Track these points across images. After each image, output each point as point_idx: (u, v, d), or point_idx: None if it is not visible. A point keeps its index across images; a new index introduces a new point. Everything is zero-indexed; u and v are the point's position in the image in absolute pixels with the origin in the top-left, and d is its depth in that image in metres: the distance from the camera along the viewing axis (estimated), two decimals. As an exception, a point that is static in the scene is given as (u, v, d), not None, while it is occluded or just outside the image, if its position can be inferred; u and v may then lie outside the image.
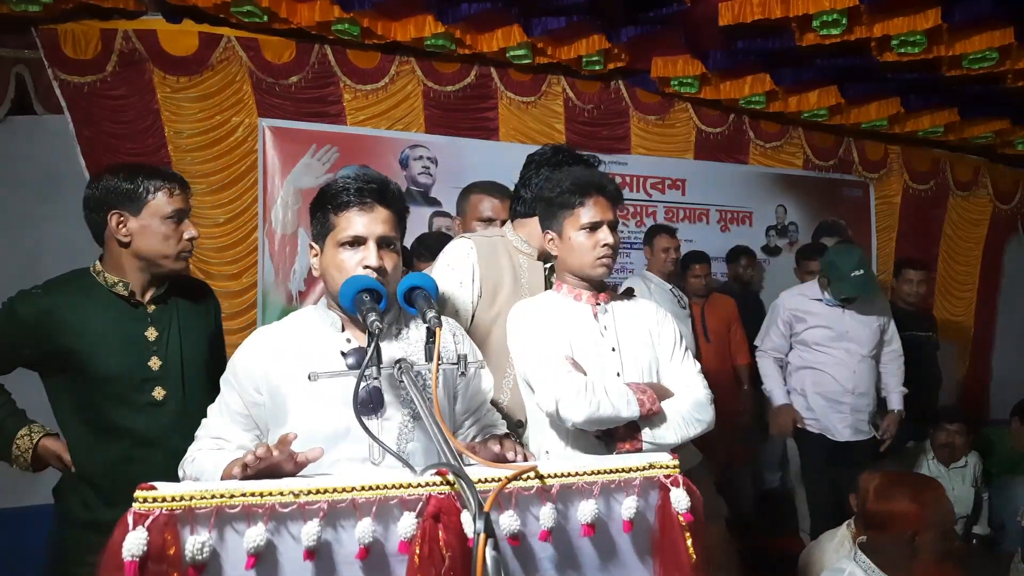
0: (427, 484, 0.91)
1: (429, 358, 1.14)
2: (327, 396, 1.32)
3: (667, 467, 0.99)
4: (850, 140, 5.55)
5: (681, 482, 0.98)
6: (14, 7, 3.40)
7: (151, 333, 1.77)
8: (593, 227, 1.69)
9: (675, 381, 1.69)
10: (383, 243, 1.37)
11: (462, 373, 1.32)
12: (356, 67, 4.19)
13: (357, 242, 1.36)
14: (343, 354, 1.37)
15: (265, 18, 3.71)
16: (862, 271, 3.19)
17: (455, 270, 1.86)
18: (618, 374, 1.65)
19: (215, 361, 1.87)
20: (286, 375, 1.36)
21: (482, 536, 0.74)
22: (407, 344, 1.41)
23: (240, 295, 3.98)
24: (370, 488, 0.89)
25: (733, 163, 5.19)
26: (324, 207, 1.39)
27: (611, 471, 0.97)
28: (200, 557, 0.82)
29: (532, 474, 0.92)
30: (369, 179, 1.39)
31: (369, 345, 1.14)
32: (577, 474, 0.95)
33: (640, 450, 1.55)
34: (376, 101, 4.25)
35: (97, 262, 1.81)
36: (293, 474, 1.16)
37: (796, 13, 3.55)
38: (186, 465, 1.38)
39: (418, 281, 1.28)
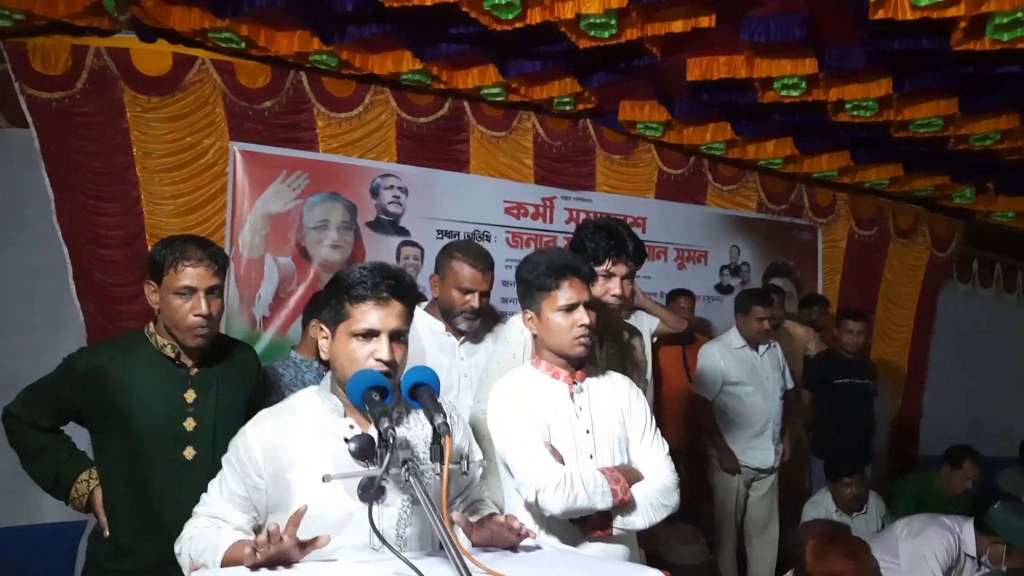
0: None
1: (434, 458, 1.21)
2: (330, 484, 1.37)
3: None
4: (801, 186, 5.82)
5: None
6: (-16, 21, 3.33)
7: (190, 395, 1.84)
8: (570, 308, 1.78)
9: (644, 463, 1.80)
10: (395, 336, 1.43)
11: (464, 472, 1.39)
12: (331, 95, 4.21)
13: (370, 334, 1.41)
14: (346, 440, 1.42)
15: (243, 45, 3.72)
16: None
17: (510, 343, 1.97)
18: (591, 456, 1.75)
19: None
20: (289, 461, 1.40)
21: None
22: (406, 430, 1.47)
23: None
24: None
25: (691, 203, 5.39)
26: (340, 295, 1.43)
27: None
28: None
29: None
30: (387, 274, 1.44)
31: (382, 449, 1.21)
32: None
33: (611, 535, 1.66)
34: (349, 129, 4.28)
35: (152, 323, 1.89)
36: (298, 560, 1.21)
37: (760, 75, 3.75)
38: (184, 543, 1.42)
39: (423, 377, 1.34)
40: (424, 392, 1.32)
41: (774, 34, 3.35)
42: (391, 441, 1.20)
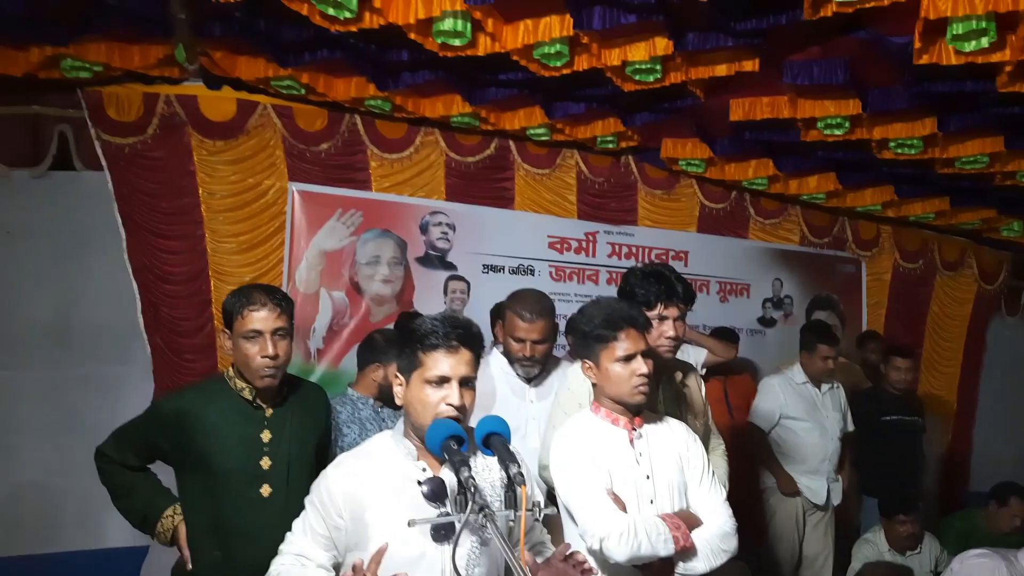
0: None
1: (508, 505, 1.30)
2: (405, 524, 1.46)
3: None
4: (844, 219, 5.82)
5: None
6: (67, 73, 3.57)
7: (266, 435, 1.96)
8: (628, 358, 1.85)
9: (703, 508, 1.85)
10: (464, 382, 1.53)
11: (537, 519, 1.47)
12: (384, 136, 4.39)
13: (442, 381, 1.51)
14: (419, 483, 1.52)
15: (303, 91, 3.91)
16: None
17: (574, 393, 2.07)
18: (651, 501, 1.82)
19: (320, 462, 2.04)
20: (367, 502, 1.50)
21: None
22: (475, 474, 1.56)
23: (260, 351, 4.11)
24: None
25: (733, 237, 5.43)
26: (413, 345, 1.54)
27: None
28: None
29: None
30: (456, 323, 1.55)
31: (461, 496, 1.30)
32: None
33: None
34: (401, 169, 4.45)
35: (231, 368, 2.02)
36: None
37: (803, 115, 3.81)
38: None
39: (497, 427, 1.44)
40: (498, 441, 1.41)
41: (817, 78, 3.42)
42: (472, 490, 1.29)
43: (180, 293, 3.94)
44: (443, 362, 1.50)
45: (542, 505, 1.39)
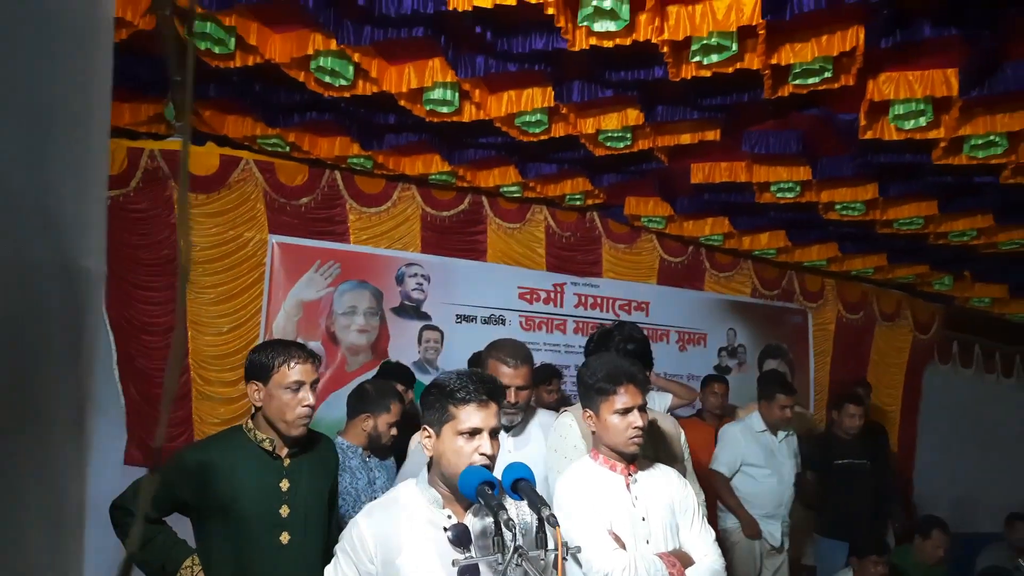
0: None
1: (539, 545, 1.43)
2: (433, 568, 1.57)
3: None
4: (792, 273, 6.19)
5: None
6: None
7: (284, 484, 2.03)
8: (625, 411, 2.02)
9: (694, 547, 2.01)
10: (493, 433, 1.66)
11: (565, 559, 1.60)
12: (362, 191, 4.53)
13: (475, 433, 1.63)
14: (445, 529, 1.63)
15: (288, 149, 4.04)
16: None
17: (566, 437, 2.20)
18: (647, 541, 1.97)
19: (331, 508, 2.14)
20: (397, 548, 1.61)
21: None
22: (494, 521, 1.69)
23: (236, 401, 4.13)
24: None
25: (691, 289, 5.72)
26: (443, 400, 1.66)
27: None
28: None
29: None
30: (483, 379, 1.69)
31: (498, 537, 1.43)
32: None
33: None
34: (378, 222, 4.59)
35: (249, 419, 2.10)
36: None
37: (758, 180, 4.13)
38: None
39: (523, 473, 1.57)
40: (526, 486, 1.54)
41: (773, 147, 3.74)
42: (513, 531, 1.42)
43: (158, 344, 3.95)
44: (475, 415, 1.63)
45: (570, 546, 1.52)
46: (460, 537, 1.61)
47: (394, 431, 3.03)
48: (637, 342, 2.43)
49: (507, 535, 1.46)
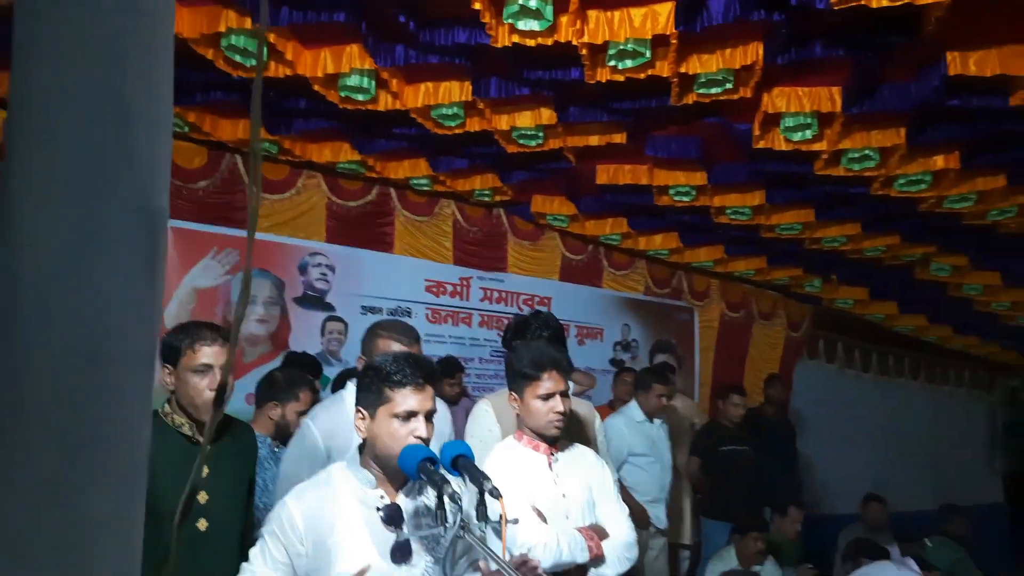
0: None
1: (480, 518, 1.48)
2: (367, 547, 1.58)
3: None
4: (681, 273, 6.55)
5: None
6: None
7: (204, 470, 1.93)
8: (548, 396, 2.10)
9: (609, 522, 2.13)
10: (428, 416, 1.68)
11: (498, 534, 1.64)
12: (265, 177, 4.38)
13: (410, 415, 1.65)
14: (378, 509, 1.64)
15: (187, 129, 3.85)
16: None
17: (479, 424, 2.23)
18: (567, 516, 2.07)
19: (250, 494, 2.06)
20: (329, 528, 1.60)
21: None
22: (426, 500, 1.71)
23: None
24: None
25: (589, 286, 5.93)
26: (379, 383, 1.67)
27: None
28: None
29: None
30: (419, 362, 1.70)
31: (443, 512, 1.45)
32: None
33: None
34: (281, 210, 4.46)
35: (167, 404, 1.98)
36: None
37: (658, 183, 4.35)
38: None
39: (462, 449, 1.61)
40: (466, 462, 1.58)
41: (674, 152, 3.97)
42: (459, 504, 1.45)
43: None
44: (411, 398, 1.65)
45: (508, 518, 1.57)
46: (393, 516, 1.63)
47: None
48: (553, 329, 2.52)
49: (450, 509, 1.50)
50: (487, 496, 1.48)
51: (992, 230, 4.83)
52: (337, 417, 2.27)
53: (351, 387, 2.44)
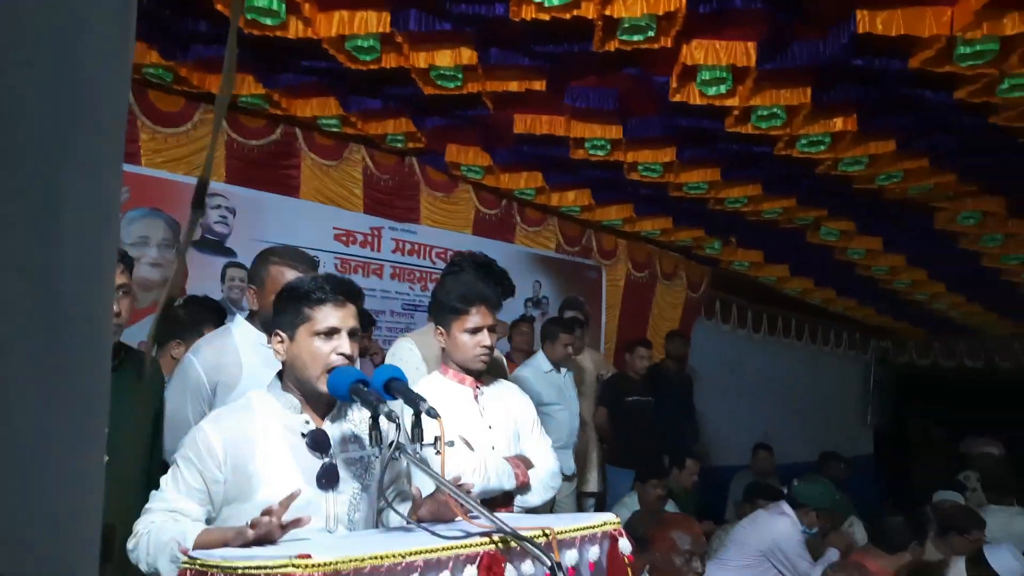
0: (483, 544, 1.21)
1: (415, 440, 1.42)
2: (292, 474, 1.50)
3: (615, 524, 1.42)
4: (591, 231, 6.63)
5: (624, 534, 1.42)
6: None
7: None
8: (475, 331, 2.07)
9: (534, 453, 2.14)
10: (352, 334, 1.60)
11: (438, 452, 1.59)
12: (157, 109, 4.06)
13: (332, 332, 1.57)
14: (303, 435, 1.56)
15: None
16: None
17: (406, 364, 2.13)
18: (493, 447, 2.05)
19: (157, 432, 1.90)
20: (250, 455, 1.51)
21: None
22: (352, 425, 1.65)
23: None
24: (448, 548, 1.16)
25: (503, 241, 5.90)
26: (297, 302, 1.57)
27: (586, 528, 1.37)
28: None
29: (548, 532, 1.27)
30: (339, 280, 1.62)
31: (379, 434, 1.39)
32: (570, 530, 1.33)
33: (511, 512, 1.97)
34: (176, 145, 4.14)
35: None
36: (278, 540, 1.34)
37: (575, 135, 4.35)
38: (140, 537, 1.45)
39: (395, 373, 1.54)
40: (399, 385, 1.52)
41: (593, 102, 3.96)
42: (398, 423, 1.39)
43: None
44: (332, 315, 1.57)
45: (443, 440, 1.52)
46: (319, 442, 1.56)
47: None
48: (483, 266, 2.47)
49: (388, 430, 1.44)
50: (423, 417, 1.43)
51: (878, 195, 5.16)
52: (223, 351, 2.12)
53: (239, 319, 2.29)
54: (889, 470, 9.82)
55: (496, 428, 2.09)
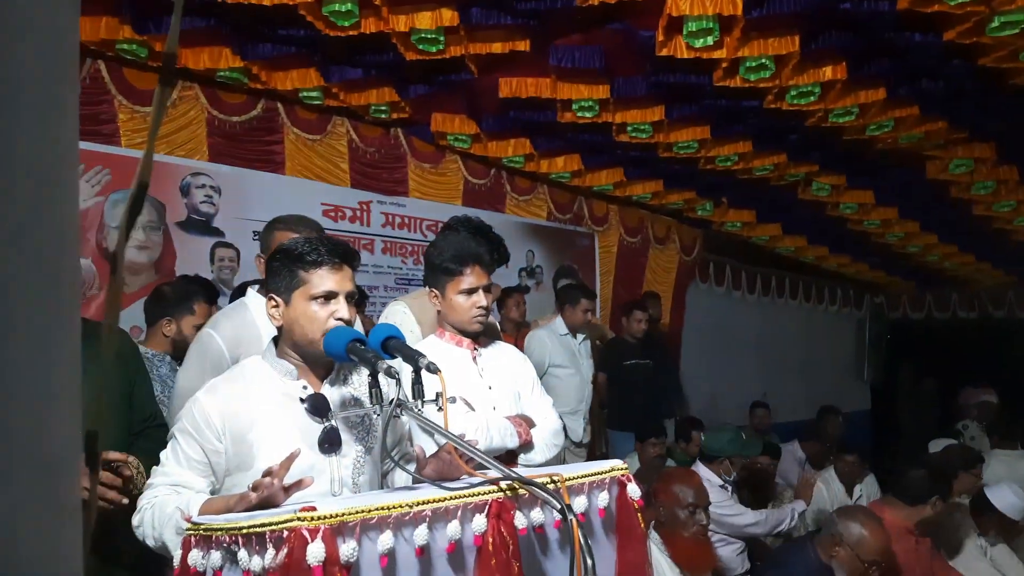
0: (491, 492, 1.19)
1: (417, 396, 1.39)
2: (292, 440, 1.47)
3: (623, 469, 1.40)
4: (582, 198, 6.58)
5: (633, 479, 1.39)
6: None
7: None
8: (470, 292, 2.03)
9: (535, 412, 2.11)
10: (349, 297, 1.56)
11: (439, 408, 1.55)
12: (134, 87, 3.95)
13: (330, 296, 1.52)
14: (302, 400, 1.52)
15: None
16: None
17: (400, 328, 2.09)
18: (494, 407, 2.03)
19: (130, 408, 1.86)
20: (249, 423, 1.47)
21: (572, 520, 1.05)
22: (352, 388, 1.61)
23: None
24: (456, 497, 1.14)
25: (493, 211, 5.84)
26: (291, 265, 1.53)
27: (594, 474, 1.34)
28: (351, 560, 1.00)
29: (556, 478, 1.24)
30: (334, 242, 1.57)
31: (379, 391, 1.35)
32: (578, 476, 1.30)
33: None
34: (155, 124, 4.05)
35: None
36: (281, 503, 1.31)
37: (562, 96, 4.28)
38: (144, 512, 1.42)
39: (392, 331, 1.50)
40: (397, 343, 1.48)
41: (578, 62, 3.89)
42: (397, 379, 1.35)
43: None
44: (329, 278, 1.52)
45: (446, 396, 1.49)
46: (319, 406, 1.53)
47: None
48: (475, 226, 2.42)
49: (388, 387, 1.40)
50: (423, 374, 1.39)
51: (869, 146, 5.11)
52: (241, 325, 2.10)
53: (251, 293, 2.28)
54: (884, 424, 9.91)
55: (496, 388, 2.06)
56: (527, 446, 2.00)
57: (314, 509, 1.00)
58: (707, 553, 2.45)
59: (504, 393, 2.07)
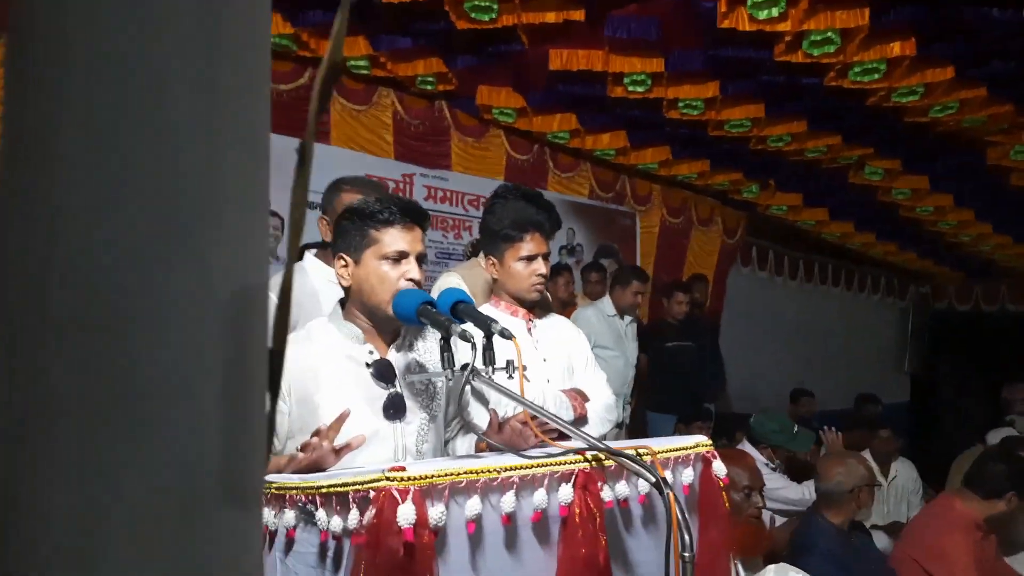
0: (577, 462, 1.15)
1: (487, 363, 1.35)
2: (357, 404, 1.44)
3: (708, 445, 1.35)
4: (624, 177, 6.46)
5: (718, 456, 1.34)
6: None
7: None
8: (530, 259, 1.98)
9: (589, 387, 2.07)
10: (420, 258, 1.52)
11: (510, 376, 1.51)
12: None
13: (401, 256, 1.49)
14: (367, 364, 1.49)
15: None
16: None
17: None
18: (548, 380, 1.98)
19: None
20: (315, 386, 1.44)
21: (670, 493, 1.01)
22: (418, 355, 1.58)
23: None
24: (543, 464, 1.10)
25: (536, 188, 5.75)
26: (362, 224, 1.49)
27: (680, 448, 1.30)
28: (440, 524, 0.97)
29: (647, 451, 1.20)
30: (405, 202, 1.54)
31: (451, 355, 1.32)
32: (664, 450, 1.26)
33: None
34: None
35: None
36: (332, 465, 1.28)
37: (613, 69, 4.18)
38: None
39: (461, 295, 1.46)
40: (468, 308, 1.44)
41: (633, 32, 3.78)
42: (472, 342, 1.32)
43: None
44: (400, 239, 1.49)
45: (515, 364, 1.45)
46: (384, 372, 1.49)
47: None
48: (533, 194, 2.35)
49: (460, 351, 1.36)
50: (495, 339, 1.35)
51: (929, 129, 4.92)
52: (300, 288, 2.08)
53: (308, 256, 2.27)
54: (925, 417, 9.68)
55: (551, 361, 2.02)
56: (581, 420, 1.96)
57: (403, 469, 0.97)
58: (762, 536, 2.39)
59: (558, 366, 2.03)
